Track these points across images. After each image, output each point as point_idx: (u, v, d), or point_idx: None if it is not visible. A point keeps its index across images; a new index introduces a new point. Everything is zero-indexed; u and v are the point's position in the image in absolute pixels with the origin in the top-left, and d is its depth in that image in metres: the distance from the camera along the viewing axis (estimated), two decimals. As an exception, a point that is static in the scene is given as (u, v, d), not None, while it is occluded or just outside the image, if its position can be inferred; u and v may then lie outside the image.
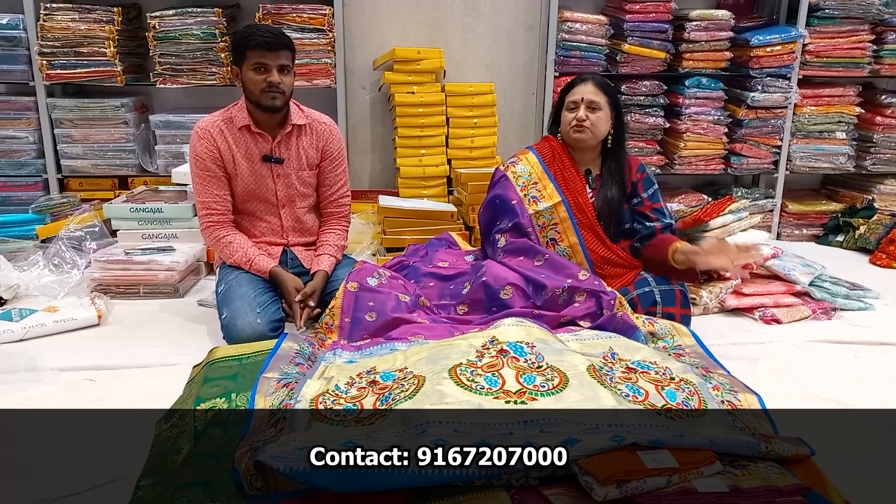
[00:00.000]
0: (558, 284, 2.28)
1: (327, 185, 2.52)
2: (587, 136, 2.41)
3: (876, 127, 3.65)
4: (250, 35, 2.25)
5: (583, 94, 2.41)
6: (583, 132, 2.41)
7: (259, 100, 2.29)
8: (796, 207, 3.73)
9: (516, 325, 2.00)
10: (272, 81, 2.26)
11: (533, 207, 2.43)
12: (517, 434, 1.52)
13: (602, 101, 2.40)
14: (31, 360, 2.12)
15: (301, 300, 2.29)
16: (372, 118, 3.70)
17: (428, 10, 3.59)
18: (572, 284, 2.27)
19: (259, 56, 2.24)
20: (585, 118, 2.39)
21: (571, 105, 2.43)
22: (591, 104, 2.39)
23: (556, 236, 2.45)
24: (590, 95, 2.40)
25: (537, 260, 2.38)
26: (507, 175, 2.50)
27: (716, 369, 2.00)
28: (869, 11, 3.47)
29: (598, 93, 2.41)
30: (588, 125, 2.40)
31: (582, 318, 2.24)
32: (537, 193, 2.46)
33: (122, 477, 1.55)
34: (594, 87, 2.41)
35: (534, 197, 2.46)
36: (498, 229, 2.47)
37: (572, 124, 2.41)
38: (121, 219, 2.94)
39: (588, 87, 2.42)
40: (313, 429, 1.61)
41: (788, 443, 1.57)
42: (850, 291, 2.68)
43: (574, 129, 2.42)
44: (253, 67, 2.26)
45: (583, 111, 2.39)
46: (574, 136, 2.43)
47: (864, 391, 2.01)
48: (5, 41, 3.22)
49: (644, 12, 3.40)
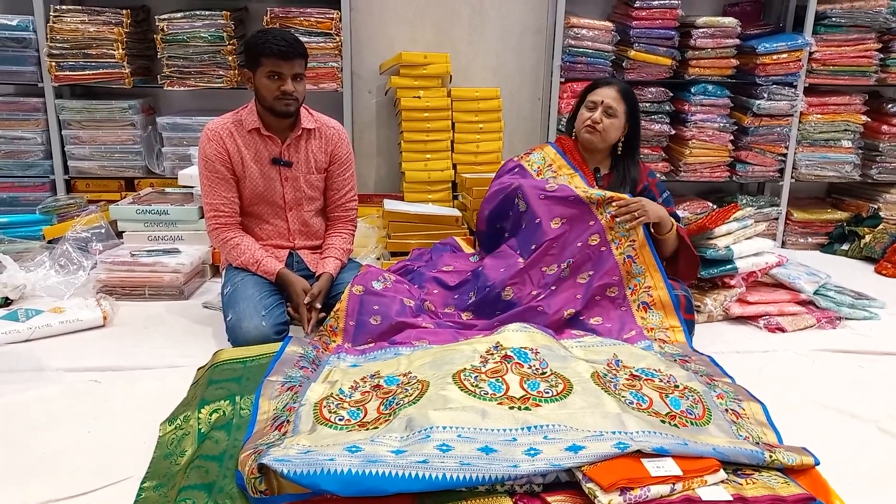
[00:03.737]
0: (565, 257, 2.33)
1: (335, 189, 2.53)
2: (597, 138, 2.45)
3: (882, 136, 3.64)
4: (265, 42, 2.24)
5: (604, 96, 2.44)
6: (593, 134, 2.45)
7: (273, 106, 2.31)
8: (801, 216, 3.73)
9: (520, 331, 2.00)
10: (286, 90, 2.27)
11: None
12: (521, 440, 1.53)
13: (620, 110, 2.44)
14: (37, 361, 2.13)
15: (309, 301, 2.30)
16: (378, 122, 3.71)
17: (435, 15, 3.60)
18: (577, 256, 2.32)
19: (274, 65, 2.25)
20: (599, 121, 2.43)
21: (590, 104, 2.47)
22: (609, 109, 2.43)
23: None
24: (609, 100, 2.43)
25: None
26: (522, 164, 2.58)
27: (721, 377, 2.00)
28: (876, 20, 3.47)
29: (619, 100, 2.45)
30: (600, 128, 2.43)
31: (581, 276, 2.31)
32: (552, 174, 2.51)
33: (126, 478, 1.55)
34: (616, 94, 2.45)
35: (549, 177, 2.50)
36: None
37: (586, 123, 2.45)
38: (127, 220, 2.95)
39: (610, 92, 2.45)
40: (317, 432, 1.61)
41: (793, 452, 1.56)
42: (855, 300, 2.68)
43: (586, 129, 2.46)
44: (267, 75, 2.27)
45: (598, 114, 2.43)
46: (584, 136, 2.48)
47: (868, 401, 2.00)
48: (15, 43, 3.24)
49: (650, 19, 3.40)
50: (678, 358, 2.11)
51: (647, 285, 2.34)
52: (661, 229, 2.40)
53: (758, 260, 2.62)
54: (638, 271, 2.35)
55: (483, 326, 2.25)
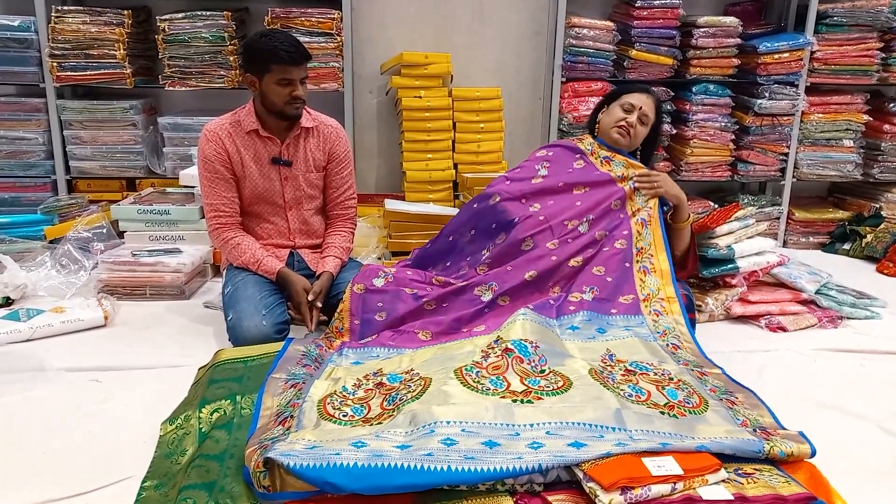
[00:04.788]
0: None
1: (333, 188, 2.53)
2: (626, 141, 2.50)
3: (884, 135, 3.64)
4: (275, 49, 2.24)
5: (642, 104, 2.49)
6: (624, 137, 2.49)
7: (282, 111, 2.32)
8: (803, 215, 3.72)
9: (520, 323, 2.03)
10: (298, 95, 2.29)
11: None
12: (524, 434, 1.55)
13: (651, 119, 2.51)
14: (38, 361, 2.13)
15: (311, 300, 2.31)
16: (379, 122, 3.71)
17: (436, 15, 3.60)
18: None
19: (285, 71, 2.26)
20: (634, 125, 2.48)
21: (628, 106, 2.50)
22: (644, 118, 2.49)
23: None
24: (647, 109, 2.50)
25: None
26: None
27: (711, 369, 2.01)
28: (877, 19, 3.46)
29: (653, 110, 2.52)
30: (632, 133, 2.48)
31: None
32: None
33: (127, 478, 1.55)
34: (653, 104, 2.52)
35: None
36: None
37: (620, 123, 2.49)
38: (128, 220, 2.95)
39: (648, 101, 2.51)
40: (321, 428, 1.62)
41: (790, 439, 1.57)
42: (856, 300, 2.67)
43: (619, 129, 2.49)
44: (277, 81, 2.27)
45: (634, 118, 2.47)
46: (614, 136, 2.51)
47: (870, 400, 2.00)
48: (17, 43, 3.25)
49: (652, 18, 3.40)
50: (670, 343, 2.11)
51: (650, 253, 2.38)
52: (679, 216, 2.44)
53: (759, 259, 2.62)
54: (647, 236, 2.39)
55: (490, 277, 2.28)
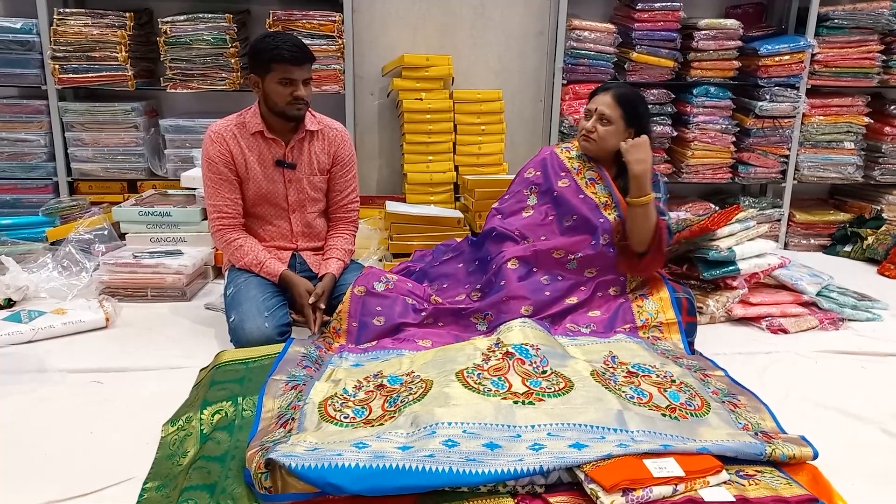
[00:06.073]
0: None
1: (337, 191, 2.54)
2: (593, 147, 2.41)
3: (885, 137, 3.64)
4: (277, 49, 2.24)
5: (597, 104, 2.38)
6: (588, 143, 2.41)
7: (284, 111, 2.32)
8: (804, 217, 3.72)
9: (520, 328, 2.03)
10: (299, 96, 2.29)
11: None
12: (525, 436, 1.54)
13: (615, 115, 2.35)
14: (40, 362, 2.13)
15: (313, 301, 2.31)
16: (380, 124, 3.71)
17: (437, 17, 3.61)
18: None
19: (286, 71, 2.25)
20: (594, 130, 2.37)
21: (587, 113, 2.41)
22: (602, 117, 2.35)
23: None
24: (603, 107, 2.35)
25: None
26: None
27: (713, 371, 2.01)
28: (878, 22, 3.47)
29: (614, 106, 2.35)
30: (595, 137, 2.38)
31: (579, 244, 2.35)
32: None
33: (128, 479, 1.55)
34: (611, 100, 2.35)
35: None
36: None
37: (581, 132, 2.43)
38: (129, 222, 2.95)
39: (605, 99, 2.37)
40: (323, 429, 1.62)
41: (791, 443, 1.57)
42: (857, 302, 2.67)
43: (582, 138, 2.43)
44: (279, 81, 2.27)
45: (591, 122, 2.37)
46: (582, 144, 2.45)
47: (871, 402, 2.00)
48: (19, 45, 3.25)
49: (652, 21, 3.40)
50: (670, 356, 2.11)
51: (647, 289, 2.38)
52: (636, 190, 2.27)
53: (760, 261, 2.62)
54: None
55: (485, 306, 2.27)
